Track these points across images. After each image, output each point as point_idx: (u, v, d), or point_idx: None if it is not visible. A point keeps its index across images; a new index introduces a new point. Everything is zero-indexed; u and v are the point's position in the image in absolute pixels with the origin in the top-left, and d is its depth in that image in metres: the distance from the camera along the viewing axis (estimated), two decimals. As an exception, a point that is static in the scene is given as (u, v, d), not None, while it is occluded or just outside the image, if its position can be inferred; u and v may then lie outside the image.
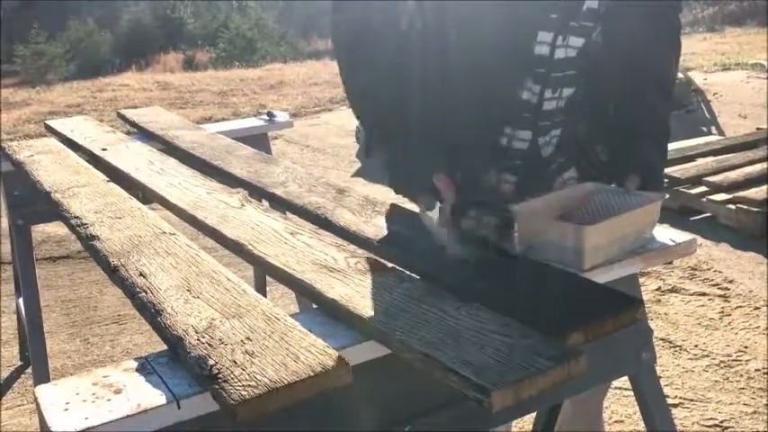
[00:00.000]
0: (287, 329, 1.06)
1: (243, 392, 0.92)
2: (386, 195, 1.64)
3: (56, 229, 3.86)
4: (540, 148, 1.51)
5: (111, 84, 10.47)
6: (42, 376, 2.34)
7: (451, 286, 1.17)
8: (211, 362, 0.98)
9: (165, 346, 1.08)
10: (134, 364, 1.04)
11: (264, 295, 3.01)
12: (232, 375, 0.95)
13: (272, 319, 1.10)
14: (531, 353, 0.96)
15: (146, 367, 1.04)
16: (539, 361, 0.94)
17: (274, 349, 1.01)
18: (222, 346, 1.02)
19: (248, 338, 1.04)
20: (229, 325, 1.08)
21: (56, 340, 2.94)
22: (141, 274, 1.27)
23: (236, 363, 0.98)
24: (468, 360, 0.94)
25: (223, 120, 7.55)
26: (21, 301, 2.54)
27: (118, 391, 0.98)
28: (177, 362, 1.04)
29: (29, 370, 2.70)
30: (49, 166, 2.07)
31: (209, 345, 1.03)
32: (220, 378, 0.95)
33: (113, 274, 1.31)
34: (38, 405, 0.96)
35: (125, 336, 2.97)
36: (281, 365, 0.97)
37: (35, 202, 2.19)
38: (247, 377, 0.95)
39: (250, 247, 1.40)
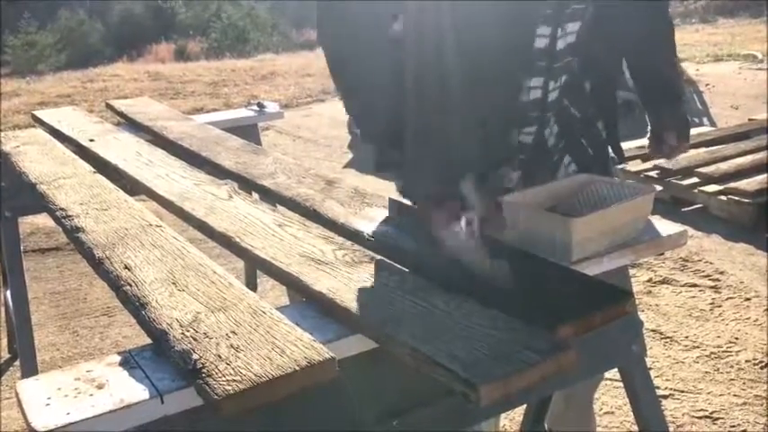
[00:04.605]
0: (273, 323, 1.05)
1: (227, 387, 0.91)
2: (376, 187, 1.64)
3: (45, 220, 3.82)
4: (546, 139, 1.50)
5: (102, 74, 10.38)
6: (30, 369, 2.32)
7: (440, 279, 1.16)
8: (195, 356, 0.97)
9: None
10: (117, 359, 1.03)
11: (255, 288, 3.00)
12: (216, 370, 0.94)
13: (258, 313, 1.08)
14: (520, 346, 0.95)
15: (129, 361, 1.02)
16: (528, 354, 0.93)
17: (260, 343, 1.00)
18: (207, 339, 1.01)
19: (233, 332, 1.03)
20: (214, 318, 1.07)
21: (44, 332, 2.92)
22: (126, 267, 1.26)
23: (220, 357, 0.96)
24: (455, 354, 0.93)
25: (214, 110, 7.52)
26: (8, 293, 2.52)
27: (100, 386, 0.96)
28: (161, 356, 1.02)
29: (17, 362, 2.68)
30: (36, 156, 2.05)
31: (194, 339, 1.01)
32: (204, 372, 0.93)
33: (98, 266, 1.29)
34: (19, 400, 0.94)
35: (114, 328, 2.95)
36: (267, 360, 0.96)
37: (23, 194, 2.16)
38: (232, 371, 0.93)
39: (237, 240, 1.38)
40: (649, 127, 1.62)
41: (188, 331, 1.04)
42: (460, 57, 1.37)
